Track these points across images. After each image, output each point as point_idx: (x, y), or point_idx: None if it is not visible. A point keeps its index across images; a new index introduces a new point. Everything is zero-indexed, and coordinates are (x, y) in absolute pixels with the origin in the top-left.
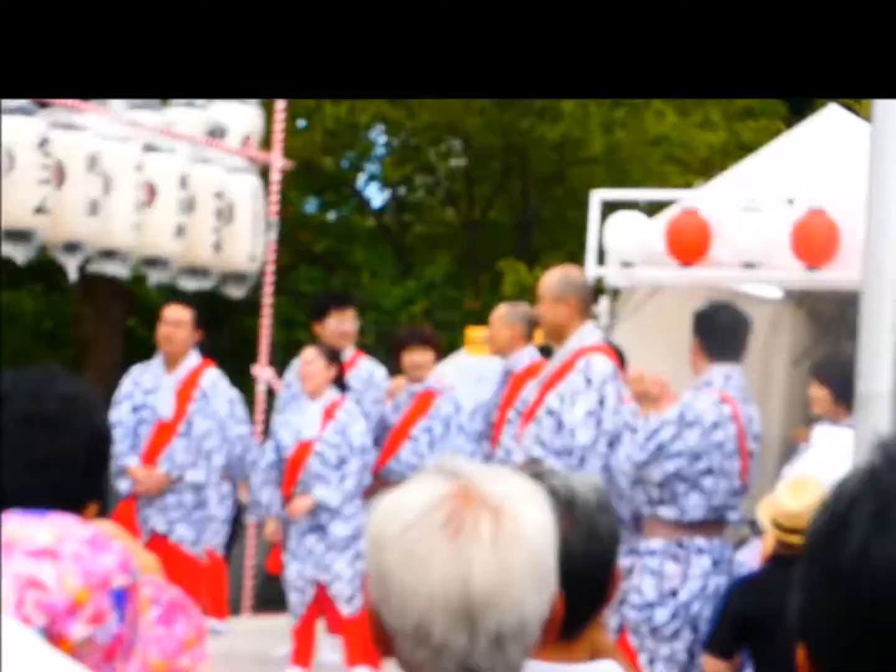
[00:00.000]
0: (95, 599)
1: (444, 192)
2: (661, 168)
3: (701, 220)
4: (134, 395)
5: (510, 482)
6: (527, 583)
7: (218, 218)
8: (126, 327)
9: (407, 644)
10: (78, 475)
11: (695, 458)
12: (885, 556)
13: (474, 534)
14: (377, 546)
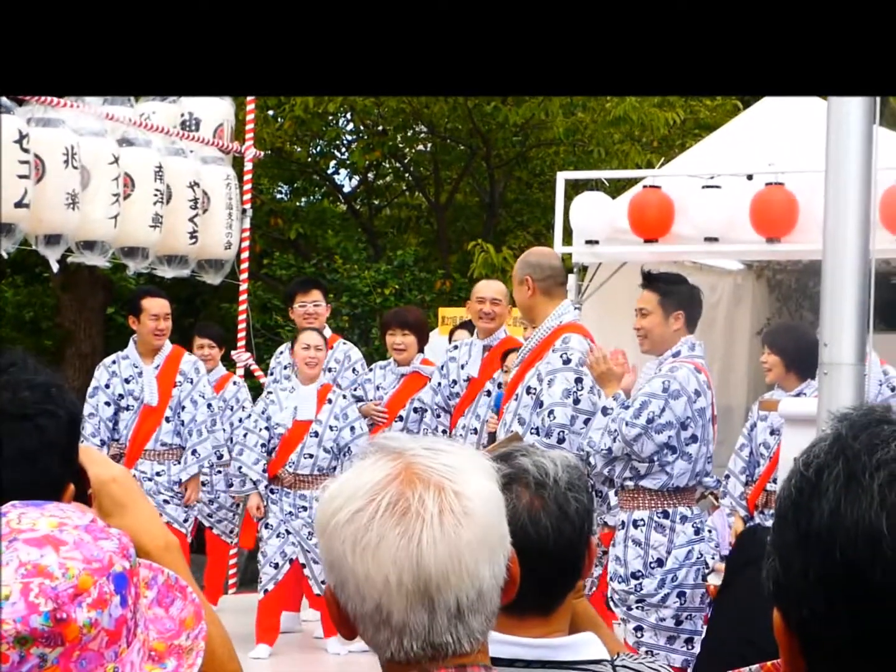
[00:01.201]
0: (98, 584)
1: (411, 177)
2: (621, 148)
3: (663, 197)
4: (112, 385)
5: (451, 456)
6: (478, 554)
7: (193, 207)
8: (106, 316)
9: (369, 627)
10: (60, 461)
11: (683, 427)
12: (854, 518)
13: (420, 513)
14: (327, 534)
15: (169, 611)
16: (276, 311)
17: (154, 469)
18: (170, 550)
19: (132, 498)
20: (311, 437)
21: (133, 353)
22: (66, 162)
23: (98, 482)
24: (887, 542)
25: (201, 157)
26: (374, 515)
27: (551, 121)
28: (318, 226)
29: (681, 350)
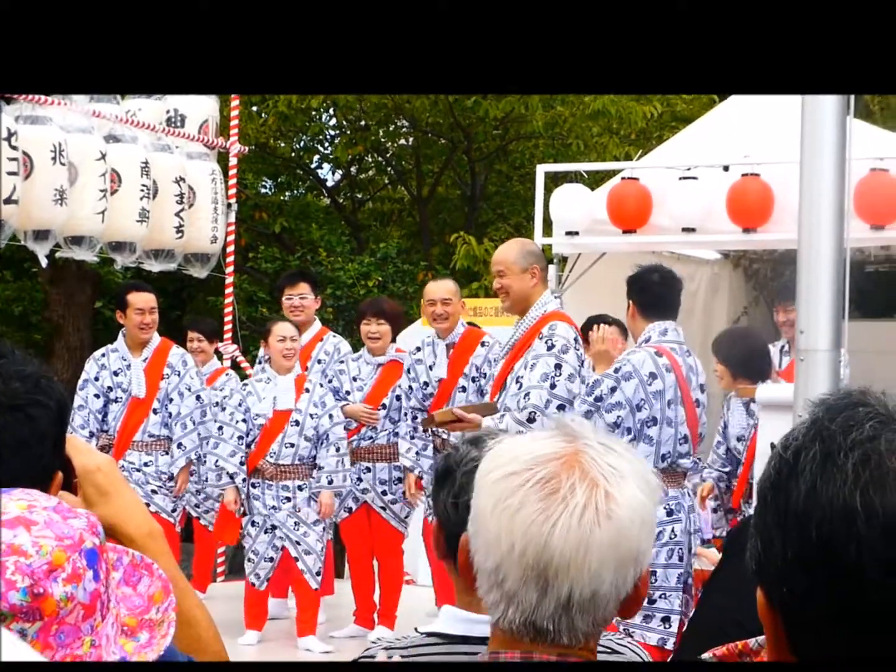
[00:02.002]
0: (71, 559)
1: (394, 171)
2: (600, 140)
3: (641, 188)
4: (101, 378)
5: (621, 460)
6: (605, 558)
7: (179, 202)
8: (94, 309)
9: (485, 583)
10: (50, 450)
11: (636, 409)
12: (829, 496)
13: (566, 499)
14: (479, 485)
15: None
16: (261, 303)
17: (142, 460)
18: (153, 538)
19: (116, 487)
20: (292, 426)
21: (122, 346)
22: (53, 158)
23: (83, 471)
24: (861, 519)
25: (187, 152)
26: (524, 484)
27: (531, 115)
28: (302, 219)
29: (651, 336)
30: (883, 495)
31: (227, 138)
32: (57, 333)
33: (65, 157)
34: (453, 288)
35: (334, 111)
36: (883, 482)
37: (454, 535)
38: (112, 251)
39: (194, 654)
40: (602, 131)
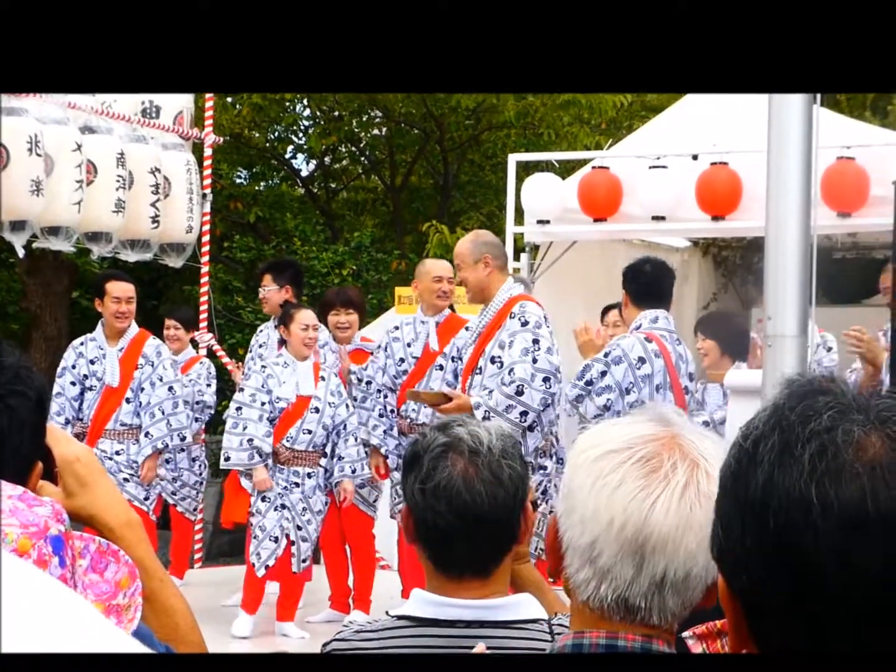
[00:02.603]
0: (37, 546)
1: (367, 160)
2: (570, 130)
3: (611, 177)
4: (78, 366)
5: (715, 445)
6: (703, 539)
7: (155, 192)
8: (71, 299)
9: (576, 561)
10: (30, 440)
11: (625, 392)
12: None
13: (668, 477)
14: (576, 464)
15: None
16: (236, 292)
17: (114, 448)
18: (131, 527)
19: (95, 477)
20: (312, 413)
21: (100, 335)
22: (30, 150)
23: (63, 461)
24: (817, 510)
25: (162, 143)
26: (625, 461)
27: (502, 105)
28: (276, 209)
29: (642, 323)
30: (838, 487)
31: (201, 129)
32: (34, 323)
33: (41, 148)
34: (452, 269)
35: (308, 102)
36: (839, 474)
37: (422, 520)
38: (88, 241)
39: (172, 642)
40: (573, 121)
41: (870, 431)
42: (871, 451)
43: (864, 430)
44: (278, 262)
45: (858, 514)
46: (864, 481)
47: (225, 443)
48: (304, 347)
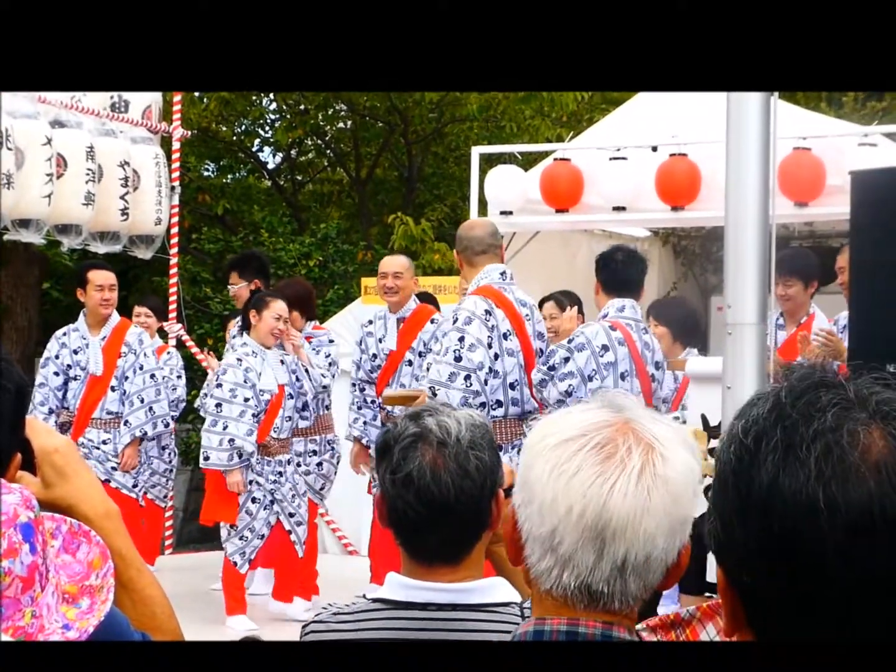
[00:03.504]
0: (7, 535)
1: (333, 153)
2: (532, 123)
3: (573, 169)
4: (61, 356)
5: (667, 428)
6: (661, 522)
7: (124, 185)
8: (41, 290)
9: (537, 550)
10: (9, 432)
11: (587, 378)
12: (792, 490)
13: (624, 461)
14: (532, 454)
15: (76, 555)
16: (205, 283)
17: (101, 437)
18: (110, 517)
19: (74, 468)
20: (289, 399)
21: (82, 325)
22: (0, 144)
23: (42, 452)
24: (824, 515)
25: (131, 137)
26: (580, 448)
27: (465, 98)
28: (244, 201)
29: (608, 312)
30: (845, 491)
31: (170, 123)
32: (5, 314)
33: (11, 142)
34: (406, 263)
35: (274, 96)
36: (845, 477)
37: (393, 508)
38: (59, 234)
39: (149, 630)
40: (534, 114)
41: (872, 429)
42: (876, 452)
43: (868, 429)
44: (242, 257)
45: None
46: (871, 485)
47: (204, 441)
48: (270, 336)
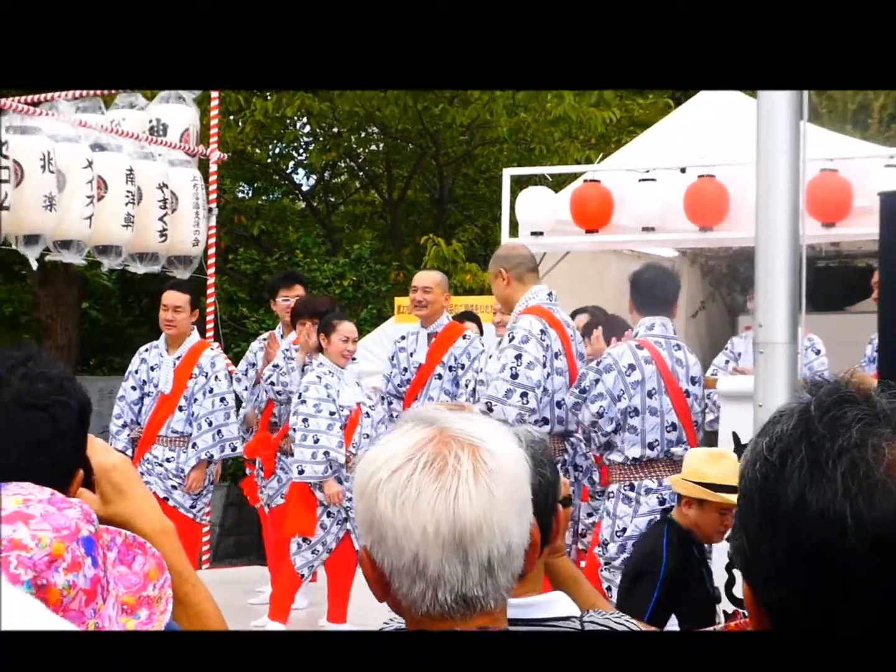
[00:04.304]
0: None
1: (366, 175)
2: (561, 145)
3: (602, 190)
4: (140, 371)
5: (481, 423)
6: (509, 510)
7: (163, 207)
8: (81, 310)
9: (405, 580)
10: (72, 449)
11: (616, 398)
12: (819, 507)
13: (457, 469)
14: (367, 493)
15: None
16: (241, 303)
17: (164, 455)
18: (166, 533)
19: (131, 485)
20: (366, 418)
21: (162, 343)
22: (43, 167)
23: (100, 470)
24: (851, 531)
25: (169, 160)
26: (413, 472)
27: (496, 121)
28: (279, 222)
29: (638, 330)
30: (872, 506)
31: (207, 146)
32: (45, 333)
33: (53, 165)
34: (437, 279)
35: (308, 119)
36: (872, 492)
37: None
38: (99, 254)
39: None
40: (563, 136)
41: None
42: None
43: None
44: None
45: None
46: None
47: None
48: (341, 358)
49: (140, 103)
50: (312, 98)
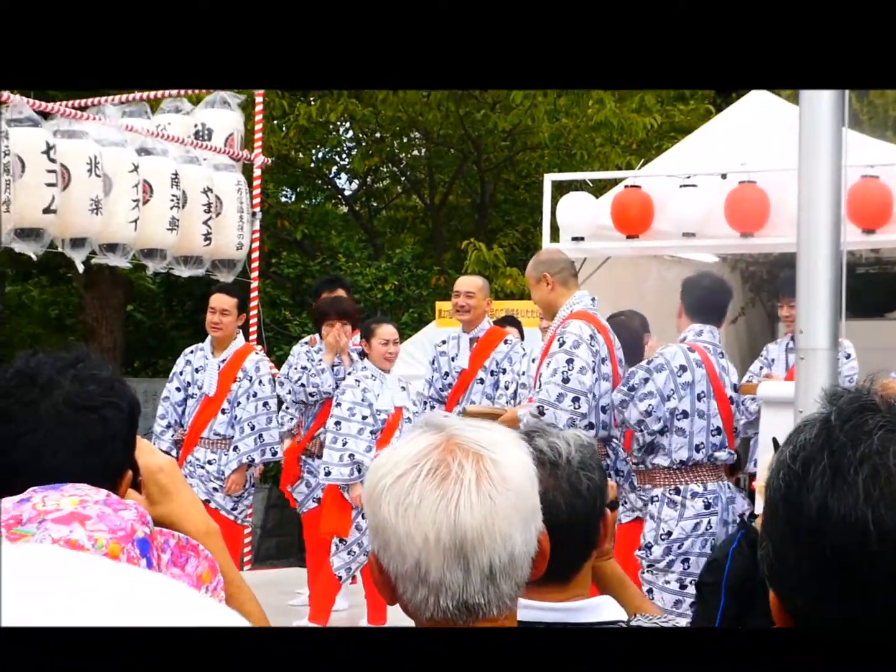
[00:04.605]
0: (126, 550)
1: (408, 180)
2: (602, 150)
3: (643, 196)
4: (185, 373)
5: (490, 431)
6: (512, 519)
7: (207, 211)
8: (125, 312)
9: (408, 585)
10: (122, 450)
11: (666, 398)
12: (841, 514)
13: (459, 477)
14: (373, 499)
15: (185, 569)
16: (284, 306)
17: (206, 457)
18: (210, 535)
19: (177, 487)
20: (407, 423)
21: (207, 346)
22: (89, 171)
23: (147, 471)
24: (874, 536)
25: (214, 164)
26: (416, 479)
27: (537, 126)
28: (321, 227)
29: (687, 335)
30: (894, 512)
31: (251, 150)
32: (91, 335)
33: (100, 169)
34: (479, 283)
35: (351, 124)
36: (893, 498)
37: None
38: (144, 258)
39: None
40: (604, 142)
41: None
42: None
43: None
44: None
45: None
46: None
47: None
48: (384, 361)
49: (186, 108)
50: (356, 103)
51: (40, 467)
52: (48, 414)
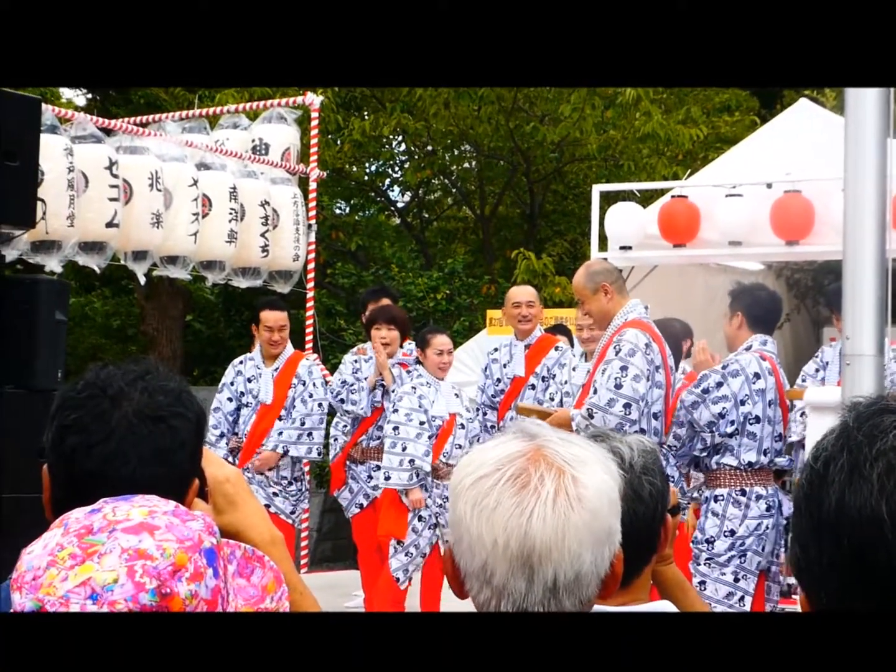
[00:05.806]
0: (193, 560)
1: (458, 192)
2: (649, 161)
3: (690, 205)
4: (236, 383)
5: (580, 449)
6: (583, 538)
7: (264, 224)
8: (185, 323)
9: (475, 584)
10: (190, 459)
11: (740, 402)
12: (858, 506)
13: (537, 489)
14: (455, 493)
15: (250, 579)
16: (339, 316)
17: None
18: (275, 544)
19: (243, 497)
20: (460, 429)
21: (257, 355)
22: (151, 185)
23: (214, 481)
24: (888, 526)
25: (271, 178)
26: (496, 483)
27: (585, 138)
28: (375, 238)
29: (752, 344)
30: None
31: (307, 164)
32: (151, 345)
33: (161, 183)
34: (535, 293)
35: (404, 138)
36: None
37: None
38: (203, 269)
39: None
40: (651, 153)
41: None
42: None
43: None
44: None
45: None
46: None
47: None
48: (438, 370)
49: (243, 123)
50: (408, 117)
51: (111, 476)
52: (118, 425)
